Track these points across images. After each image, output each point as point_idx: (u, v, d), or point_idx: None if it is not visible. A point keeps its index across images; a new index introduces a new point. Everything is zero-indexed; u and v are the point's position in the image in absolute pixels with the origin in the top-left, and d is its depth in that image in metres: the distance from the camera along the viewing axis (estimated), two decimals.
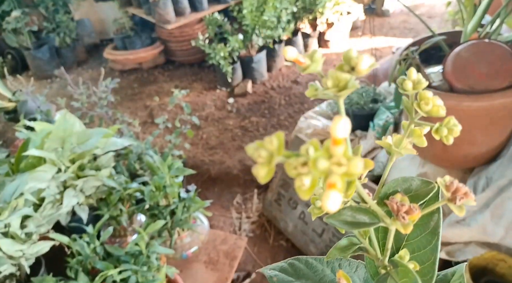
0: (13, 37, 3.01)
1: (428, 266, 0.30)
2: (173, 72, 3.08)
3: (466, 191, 0.25)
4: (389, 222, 0.27)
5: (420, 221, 0.31)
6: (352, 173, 0.17)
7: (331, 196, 0.17)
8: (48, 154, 1.32)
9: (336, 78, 0.23)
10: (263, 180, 0.19)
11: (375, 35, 3.50)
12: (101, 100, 2.00)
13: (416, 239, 0.31)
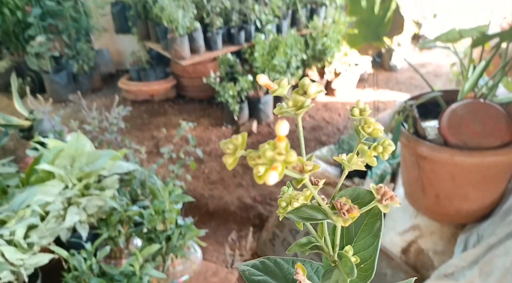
0: (34, 61, 3.16)
1: (369, 263, 0.37)
2: (183, 106, 3.20)
3: (392, 194, 0.32)
4: (334, 218, 0.34)
5: (365, 226, 0.39)
6: (289, 161, 0.25)
7: (272, 174, 0.24)
8: (58, 170, 1.38)
9: (295, 100, 0.31)
10: (230, 167, 0.27)
11: (380, 88, 3.63)
12: (111, 126, 2.09)
13: (362, 240, 0.38)
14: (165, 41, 2.77)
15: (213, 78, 2.65)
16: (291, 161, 0.26)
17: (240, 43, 2.86)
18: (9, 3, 3.08)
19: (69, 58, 3.20)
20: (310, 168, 0.34)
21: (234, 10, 2.78)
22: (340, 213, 0.35)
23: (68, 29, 3.17)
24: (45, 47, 3.05)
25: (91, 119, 2.03)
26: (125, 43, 3.43)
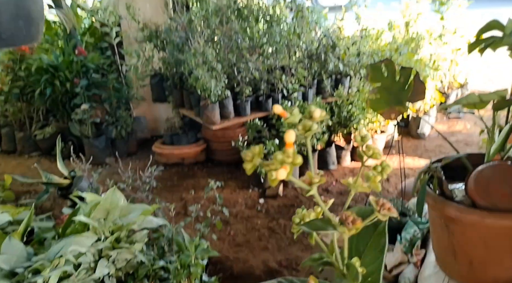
0: (77, 127, 3.42)
1: (375, 276, 0.41)
2: (211, 169, 3.31)
3: (390, 206, 0.37)
4: (340, 229, 0.38)
5: (372, 243, 0.43)
6: (296, 162, 0.31)
7: (282, 171, 0.31)
8: (93, 222, 1.45)
9: (304, 124, 0.38)
10: (248, 172, 0.35)
11: (408, 155, 3.63)
12: (144, 185, 2.19)
13: (369, 256, 0.42)
14: (197, 108, 2.97)
15: (241, 141, 2.77)
16: (297, 162, 0.33)
17: (268, 109, 3.02)
18: (60, 76, 3.43)
19: (109, 124, 3.45)
20: (317, 180, 0.40)
21: (263, 80, 2.98)
22: (346, 223, 0.40)
23: (110, 99, 3.45)
24: (88, 115, 3.31)
25: (126, 178, 2.15)
26: (161, 110, 3.68)
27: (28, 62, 3.50)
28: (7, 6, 0.86)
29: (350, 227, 0.39)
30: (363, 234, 0.46)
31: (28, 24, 0.93)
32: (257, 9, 3.07)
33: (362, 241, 0.45)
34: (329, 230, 0.40)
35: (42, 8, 0.99)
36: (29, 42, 0.96)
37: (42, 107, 3.71)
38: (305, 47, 3.22)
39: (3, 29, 0.88)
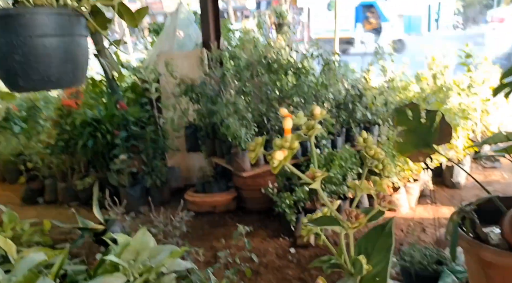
0: (115, 177, 3.57)
1: (382, 274, 0.42)
2: (242, 218, 3.30)
3: (390, 199, 0.39)
4: (345, 225, 0.41)
5: (379, 245, 0.44)
6: (293, 147, 0.35)
7: (279, 153, 0.35)
8: (123, 263, 1.49)
9: (307, 124, 0.42)
10: (252, 160, 0.39)
11: (444, 205, 3.50)
12: (174, 230, 2.23)
13: (378, 256, 0.44)
14: (228, 156, 3.05)
15: (271, 188, 2.79)
16: (294, 146, 0.37)
17: (297, 157, 3.06)
18: (102, 129, 3.67)
19: (145, 174, 3.58)
20: (319, 174, 0.44)
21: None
22: (349, 218, 0.42)
23: (147, 149, 3.62)
24: (126, 164, 3.47)
25: (157, 222, 2.20)
26: (194, 160, 3.79)
27: (74, 116, 3.77)
28: (58, 51, 0.99)
29: (354, 221, 0.42)
30: (371, 237, 0.48)
31: (74, 68, 1.05)
32: (286, 63, 3.22)
33: (370, 243, 0.47)
34: (334, 225, 0.42)
35: (87, 55, 1.12)
36: (75, 84, 1.08)
37: (84, 158, 3.92)
38: (332, 97, 3.30)
39: (52, 72, 1.00)
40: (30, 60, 0.96)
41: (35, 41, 0.94)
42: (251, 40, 3.46)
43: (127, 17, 1.19)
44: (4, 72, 0.98)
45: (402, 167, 3.33)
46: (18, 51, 0.94)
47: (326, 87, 3.24)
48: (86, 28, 1.10)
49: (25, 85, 1.00)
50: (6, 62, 0.95)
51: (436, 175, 4.01)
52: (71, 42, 1.02)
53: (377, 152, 0.43)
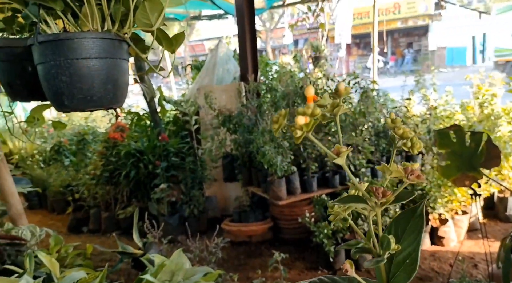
0: (155, 206, 3.66)
1: (413, 256, 0.40)
2: (278, 248, 3.23)
3: (418, 173, 0.38)
4: (371, 202, 0.40)
5: (410, 227, 0.42)
6: (315, 113, 0.35)
7: (301, 118, 0.35)
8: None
9: (332, 103, 0.42)
10: (275, 133, 0.39)
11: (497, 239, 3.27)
12: (210, 256, 2.23)
13: (408, 238, 0.42)
14: (264, 184, 3.05)
15: (308, 217, 2.74)
16: (316, 112, 0.38)
17: (335, 186, 3.00)
18: (144, 159, 3.81)
19: (183, 203, 3.64)
20: (344, 149, 0.44)
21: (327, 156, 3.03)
22: (376, 195, 0.42)
23: (186, 179, 3.70)
24: (165, 194, 3.55)
25: (193, 248, 2.22)
26: (231, 190, 3.82)
27: (119, 148, 3.95)
28: (100, 73, 1.07)
29: (380, 197, 0.41)
30: (401, 220, 0.47)
31: (115, 88, 1.13)
32: (322, 92, 3.25)
33: (401, 226, 0.46)
34: (360, 203, 0.42)
35: (127, 77, 1.19)
36: (115, 104, 1.15)
37: (127, 189, 4.06)
38: (371, 125, 3.26)
39: (95, 92, 1.08)
40: (75, 81, 1.04)
41: (80, 63, 1.03)
42: (287, 72, 3.53)
43: (165, 43, 1.27)
44: (52, 92, 1.06)
45: (449, 198, 3.17)
46: (65, 73, 1.02)
47: (364, 115, 3.21)
48: (127, 53, 1.19)
49: (69, 104, 1.08)
50: (54, 83, 1.04)
51: (487, 207, 3.78)
52: (113, 65, 1.10)
53: (405, 131, 0.43)
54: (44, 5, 1.02)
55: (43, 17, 1.09)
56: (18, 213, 2.60)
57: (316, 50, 4.93)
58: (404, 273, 0.43)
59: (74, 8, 1.04)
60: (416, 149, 0.45)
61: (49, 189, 4.88)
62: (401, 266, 0.44)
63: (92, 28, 1.07)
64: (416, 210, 0.46)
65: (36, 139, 6.39)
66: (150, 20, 1.15)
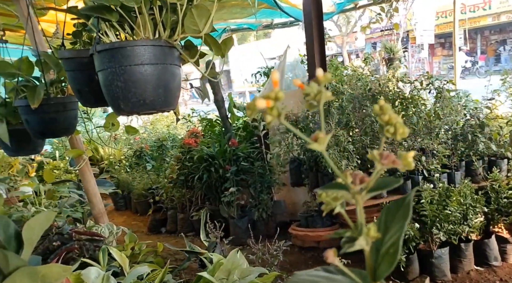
0: (225, 208, 3.77)
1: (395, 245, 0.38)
2: (347, 255, 3.13)
3: (394, 159, 0.35)
4: (351, 188, 0.38)
5: (400, 215, 0.40)
6: (278, 97, 0.35)
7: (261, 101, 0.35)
8: (215, 281, 1.55)
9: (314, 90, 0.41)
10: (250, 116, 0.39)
11: None
12: (272, 259, 2.24)
13: (395, 227, 0.40)
14: None
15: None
16: (279, 96, 0.38)
17: (406, 191, 2.82)
18: (215, 164, 3.95)
19: (252, 207, 3.70)
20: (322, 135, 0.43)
21: None
22: (354, 182, 0.40)
23: (255, 183, 3.76)
24: (235, 197, 3.65)
25: (256, 250, 2.24)
26: (299, 194, 3.79)
27: (193, 153, 4.16)
28: (152, 78, 1.14)
29: (358, 183, 0.40)
30: (391, 209, 0.45)
31: (166, 92, 1.20)
32: (392, 93, 3.10)
33: (390, 215, 0.43)
34: (341, 190, 0.41)
35: (179, 82, 1.26)
36: (166, 107, 1.22)
37: (200, 192, 4.25)
38: (447, 128, 3.02)
39: (147, 96, 1.16)
40: (129, 86, 1.13)
41: (133, 69, 1.11)
42: (355, 75, 3.43)
43: (214, 48, 1.32)
44: (110, 97, 1.16)
45: None
46: (120, 78, 1.12)
47: (439, 117, 2.98)
48: (178, 59, 1.26)
49: (125, 108, 1.17)
50: (111, 88, 1.14)
51: None
52: (163, 70, 1.18)
53: (392, 117, 0.41)
54: (103, 17, 1.12)
55: (104, 29, 1.19)
56: (100, 212, 2.86)
57: (390, 52, 4.72)
58: (386, 262, 0.41)
59: (127, 18, 1.13)
60: (398, 135, 0.42)
61: (133, 191, 5.28)
62: (385, 256, 0.42)
63: (144, 37, 1.15)
64: (405, 199, 0.43)
65: (124, 146, 6.99)
66: (198, 26, 1.20)
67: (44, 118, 1.80)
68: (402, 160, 0.46)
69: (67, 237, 2.32)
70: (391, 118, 0.42)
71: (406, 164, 0.45)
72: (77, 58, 1.31)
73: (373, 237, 0.40)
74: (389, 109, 0.43)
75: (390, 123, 0.42)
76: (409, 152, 0.45)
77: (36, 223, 0.91)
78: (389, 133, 0.42)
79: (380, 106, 0.44)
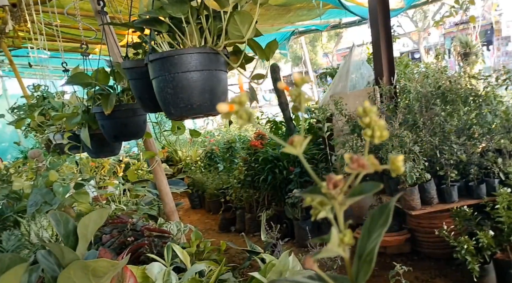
0: (290, 210, 3.80)
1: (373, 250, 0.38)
2: (416, 263, 2.98)
3: (363, 163, 0.36)
4: (326, 192, 0.40)
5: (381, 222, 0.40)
6: (242, 100, 0.38)
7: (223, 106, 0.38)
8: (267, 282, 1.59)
9: (292, 93, 0.43)
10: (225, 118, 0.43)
11: None
12: (330, 262, 2.22)
13: (375, 234, 0.40)
14: (396, 193, 2.86)
15: (447, 231, 2.45)
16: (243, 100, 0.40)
17: (480, 196, 2.61)
18: (279, 165, 4.00)
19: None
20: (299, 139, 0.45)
21: (472, 164, 2.66)
22: (328, 186, 0.42)
23: None
24: (299, 198, 3.65)
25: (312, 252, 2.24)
26: (366, 198, 3.68)
27: (258, 154, 4.25)
28: (198, 84, 1.22)
29: (331, 188, 0.41)
30: (376, 217, 0.45)
31: (212, 97, 1.27)
32: (464, 90, 2.88)
33: (373, 222, 0.44)
34: (318, 194, 0.43)
35: (225, 86, 1.33)
36: (212, 111, 1.29)
37: (266, 192, 4.32)
38: None
39: (194, 101, 1.24)
40: (178, 92, 1.21)
41: (181, 76, 1.20)
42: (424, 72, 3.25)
43: (258, 52, 1.37)
44: (162, 103, 1.26)
45: None
46: (170, 85, 1.21)
47: None
48: (224, 64, 1.32)
49: (175, 113, 1.26)
50: (162, 95, 1.24)
51: None
52: (209, 76, 1.25)
53: (373, 119, 0.42)
54: (154, 29, 1.23)
55: (157, 40, 1.30)
56: (171, 210, 3.05)
57: (466, 46, 4.38)
58: (363, 270, 0.41)
59: (174, 28, 1.22)
60: (377, 138, 0.42)
61: (206, 191, 5.53)
62: (363, 263, 0.42)
63: (191, 45, 1.23)
64: (387, 206, 0.43)
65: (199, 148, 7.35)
66: (242, 32, 1.25)
67: (117, 123, 1.98)
68: (391, 164, 0.45)
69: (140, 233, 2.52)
70: (372, 121, 0.42)
71: (395, 168, 0.45)
72: (136, 68, 1.44)
73: (347, 244, 0.41)
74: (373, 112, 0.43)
75: (369, 125, 0.42)
76: (398, 155, 0.44)
77: (90, 220, 1.03)
78: (367, 136, 0.43)
79: (364, 109, 0.43)
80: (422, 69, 4.23)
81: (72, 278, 0.89)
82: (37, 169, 2.70)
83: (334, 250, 0.41)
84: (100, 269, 0.90)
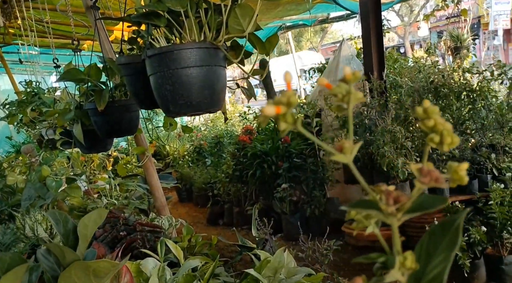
0: (278, 204, 3.80)
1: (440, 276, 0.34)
2: None
3: (438, 176, 0.33)
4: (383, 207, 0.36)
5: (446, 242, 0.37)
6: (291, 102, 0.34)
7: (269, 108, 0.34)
8: (263, 279, 1.58)
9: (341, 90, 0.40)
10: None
11: None
12: (322, 258, 2.22)
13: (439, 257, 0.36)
14: None
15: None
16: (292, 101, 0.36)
17: (472, 192, 2.65)
18: (268, 160, 3.99)
19: (304, 203, 3.69)
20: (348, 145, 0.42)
21: (464, 159, 2.69)
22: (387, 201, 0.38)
23: (307, 180, 3.74)
24: (287, 193, 3.65)
25: (305, 248, 2.24)
26: (353, 192, 3.71)
27: (247, 149, 4.22)
28: (197, 80, 1.19)
29: (391, 204, 0.37)
30: (435, 234, 0.40)
31: (211, 93, 1.24)
32: (457, 86, 2.91)
33: (433, 241, 0.39)
34: (371, 209, 0.39)
35: (224, 82, 1.29)
36: (212, 108, 1.26)
37: (254, 187, 4.31)
38: None
39: (193, 98, 1.20)
40: (177, 88, 1.18)
41: (180, 72, 1.16)
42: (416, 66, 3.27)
43: (258, 46, 1.34)
44: (160, 99, 1.22)
45: None
46: (168, 81, 1.17)
47: None
48: (223, 60, 1.29)
49: (174, 109, 1.22)
50: (160, 91, 1.20)
51: None
52: (209, 72, 1.21)
53: (438, 122, 0.37)
54: (152, 23, 1.18)
55: (154, 34, 1.26)
56: (162, 205, 3.01)
57: (457, 40, 4.42)
58: None
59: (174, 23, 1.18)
60: (446, 146, 0.38)
61: (194, 185, 5.50)
62: None
63: (190, 40, 1.19)
64: (454, 222, 0.38)
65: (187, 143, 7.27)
66: (242, 26, 1.22)
67: (109, 120, 1.93)
68: (452, 174, 0.41)
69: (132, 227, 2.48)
70: (437, 125, 0.37)
71: (457, 178, 0.41)
72: (132, 64, 1.39)
73: (409, 268, 0.37)
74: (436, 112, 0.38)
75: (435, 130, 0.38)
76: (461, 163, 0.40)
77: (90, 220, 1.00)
78: (433, 143, 0.38)
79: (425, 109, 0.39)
80: (411, 64, 4.25)
81: (73, 278, 0.86)
82: (30, 164, 2.64)
83: (394, 275, 0.38)
84: (101, 269, 0.87)
